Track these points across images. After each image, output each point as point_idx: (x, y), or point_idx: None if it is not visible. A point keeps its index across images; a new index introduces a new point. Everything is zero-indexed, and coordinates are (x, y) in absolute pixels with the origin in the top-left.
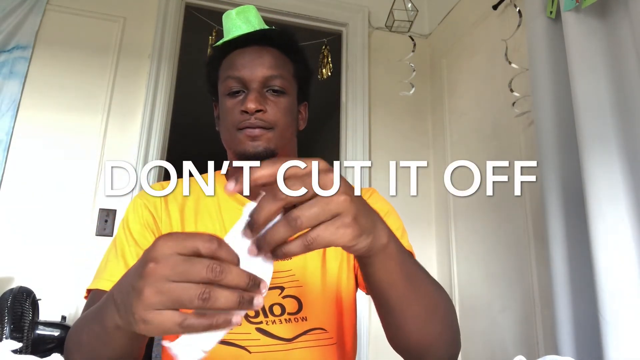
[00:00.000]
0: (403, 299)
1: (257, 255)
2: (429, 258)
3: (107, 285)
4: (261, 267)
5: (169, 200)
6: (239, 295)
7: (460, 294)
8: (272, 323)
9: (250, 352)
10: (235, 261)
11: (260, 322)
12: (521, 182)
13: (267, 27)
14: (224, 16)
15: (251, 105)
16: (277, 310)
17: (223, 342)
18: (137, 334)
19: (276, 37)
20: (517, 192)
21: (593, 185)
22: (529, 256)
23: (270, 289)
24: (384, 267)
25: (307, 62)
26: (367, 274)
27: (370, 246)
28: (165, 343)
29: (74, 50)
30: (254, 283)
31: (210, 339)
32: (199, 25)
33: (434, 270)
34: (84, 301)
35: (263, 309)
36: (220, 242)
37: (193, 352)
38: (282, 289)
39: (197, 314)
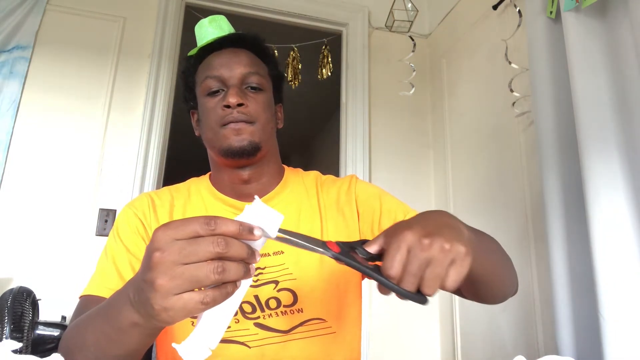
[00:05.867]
0: (489, 269)
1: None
2: None
3: (98, 291)
4: (254, 243)
5: (157, 207)
6: (244, 265)
7: None
8: (269, 317)
9: (249, 347)
10: (233, 228)
11: (258, 317)
12: (520, 181)
13: (236, 32)
14: (196, 26)
15: (232, 100)
16: (272, 303)
17: (223, 340)
18: (154, 329)
19: (249, 40)
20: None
21: (593, 185)
22: (529, 256)
23: (264, 284)
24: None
25: (278, 65)
26: None
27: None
28: (174, 345)
29: (74, 50)
30: (252, 252)
31: (215, 336)
32: None
33: None
34: None
35: (259, 303)
36: (216, 220)
37: (201, 352)
38: (276, 282)
39: (210, 288)
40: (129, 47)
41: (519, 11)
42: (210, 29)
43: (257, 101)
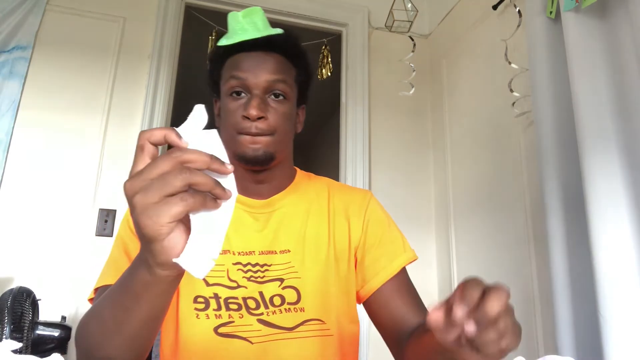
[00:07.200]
0: None
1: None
2: (429, 258)
3: (113, 280)
4: (216, 149)
5: None
6: (214, 180)
7: None
8: (273, 313)
9: (252, 343)
10: (160, 132)
11: (262, 314)
12: (520, 181)
13: (272, 29)
14: (229, 16)
15: (253, 112)
16: (277, 301)
17: (226, 335)
18: (165, 287)
19: (281, 43)
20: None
21: (593, 185)
22: (529, 256)
23: (270, 281)
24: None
25: (308, 66)
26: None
27: None
28: (174, 259)
29: (74, 50)
30: (214, 158)
31: (214, 246)
32: (199, 25)
33: (434, 270)
34: (86, 301)
35: (264, 300)
36: (152, 129)
37: (203, 262)
38: (281, 280)
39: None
40: (129, 47)
41: (519, 11)
42: (244, 24)
43: (278, 112)
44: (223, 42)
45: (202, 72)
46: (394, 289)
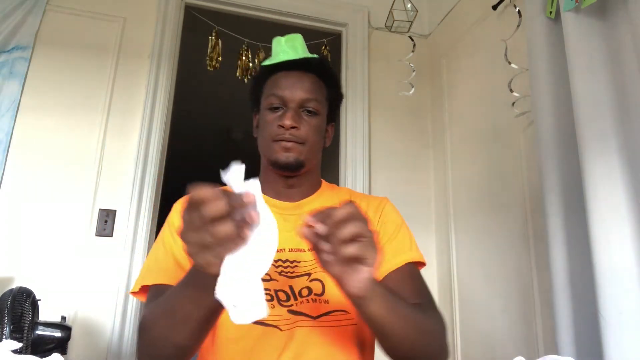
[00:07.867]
0: (391, 329)
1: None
2: (429, 258)
3: (164, 279)
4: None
5: None
6: (233, 223)
7: (460, 294)
8: (301, 304)
9: (281, 330)
10: (206, 194)
11: (291, 305)
12: (520, 181)
13: (309, 53)
14: (274, 41)
15: (287, 122)
16: (304, 292)
17: (260, 323)
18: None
19: (316, 65)
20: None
21: (593, 185)
22: (528, 256)
23: (299, 276)
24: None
25: (339, 87)
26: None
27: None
28: (216, 296)
29: (74, 50)
30: (237, 200)
31: (253, 290)
32: (199, 25)
33: (434, 271)
34: (86, 301)
35: (293, 293)
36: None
37: (248, 307)
38: (309, 275)
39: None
40: (129, 47)
41: (519, 11)
42: (286, 48)
43: (310, 125)
44: (266, 62)
45: (202, 72)
46: (398, 279)
